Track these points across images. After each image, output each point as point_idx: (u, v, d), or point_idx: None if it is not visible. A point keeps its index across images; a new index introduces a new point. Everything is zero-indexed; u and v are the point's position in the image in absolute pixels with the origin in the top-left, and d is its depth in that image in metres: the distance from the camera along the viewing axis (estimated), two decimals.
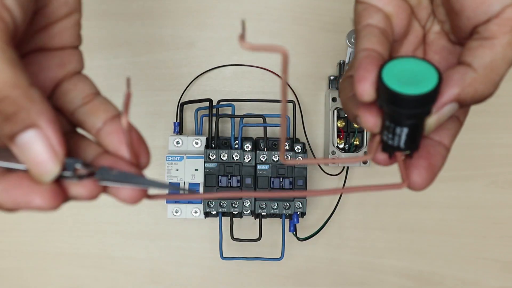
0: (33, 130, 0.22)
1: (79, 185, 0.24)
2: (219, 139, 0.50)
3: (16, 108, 0.21)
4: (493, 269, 0.56)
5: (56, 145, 0.22)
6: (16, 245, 0.54)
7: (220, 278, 0.55)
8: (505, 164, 0.56)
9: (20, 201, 0.23)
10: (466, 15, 0.28)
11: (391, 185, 0.29)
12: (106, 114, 0.26)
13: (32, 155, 0.22)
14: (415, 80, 0.25)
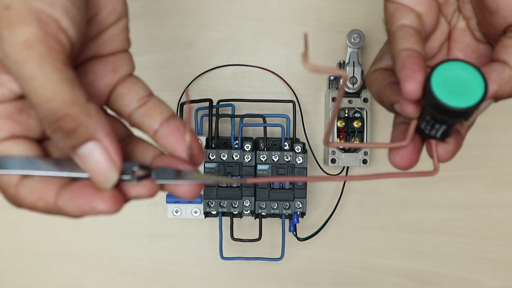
0: (92, 143, 0.24)
1: (138, 186, 0.26)
2: (219, 139, 0.50)
3: (76, 124, 0.23)
4: (493, 269, 0.56)
5: (113, 155, 0.24)
6: (16, 245, 0.54)
7: (220, 278, 0.55)
8: (505, 164, 0.56)
9: (86, 208, 0.25)
10: (501, 15, 0.29)
11: (424, 172, 0.30)
12: (161, 115, 0.28)
13: (92, 165, 0.24)
14: (462, 89, 0.26)
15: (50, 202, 0.25)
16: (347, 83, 0.51)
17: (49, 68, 0.23)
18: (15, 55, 0.23)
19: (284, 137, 0.50)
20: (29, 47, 0.23)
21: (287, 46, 0.55)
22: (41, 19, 0.23)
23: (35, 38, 0.23)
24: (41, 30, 0.23)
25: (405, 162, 0.30)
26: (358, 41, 0.51)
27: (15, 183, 0.26)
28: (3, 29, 0.23)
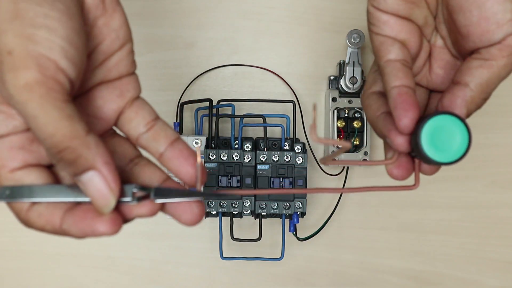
0: (92, 172, 0.26)
1: (139, 207, 0.28)
2: (219, 139, 0.50)
3: (76, 155, 0.26)
4: (493, 269, 0.56)
5: (111, 182, 0.27)
6: (16, 245, 0.54)
7: (220, 278, 0.55)
8: (505, 164, 0.56)
9: (87, 231, 0.27)
10: (472, 39, 0.32)
11: (404, 186, 0.33)
12: (166, 139, 0.30)
13: (92, 191, 0.27)
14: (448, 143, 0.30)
15: (56, 225, 0.28)
16: (347, 83, 0.51)
17: (49, 107, 0.25)
18: (18, 97, 0.25)
19: (284, 137, 0.50)
20: (30, 89, 0.25)
21: (287, 46, 0.55)
22: (41, 63, 0.25)
23: (35, 81, 0.25)
24: (40, 73, 0.25)
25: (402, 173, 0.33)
26: (358, 41, 0.51)
27: (25, 209, 0.28)
28: (6, 73, 0.25)
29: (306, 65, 0.55)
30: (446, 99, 0.32)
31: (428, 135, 0.30)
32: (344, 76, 0.51)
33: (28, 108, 0.25)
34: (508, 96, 0.56)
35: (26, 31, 0.26)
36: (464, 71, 0.32)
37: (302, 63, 0.55)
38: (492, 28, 0.31)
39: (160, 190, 0.29)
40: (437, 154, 0.30)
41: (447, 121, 0.30)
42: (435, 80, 0.36)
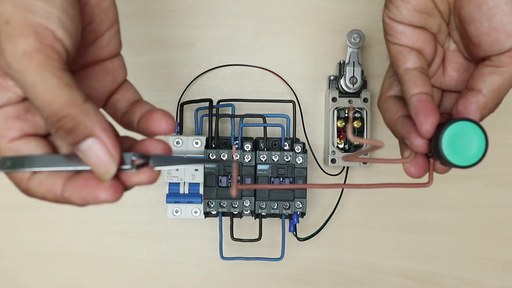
0: (91, 139, 0.27)
1: (138, 174, 0.29)
2: (219, 139, 0.50)
3: (75, 123, 0.26)
4: (493, 269, 0.56)
5: (111, 149, 0.27)
6: (16, 245, 0.54)
7: (220, 278, 0.55)
8: (505, 164, 0.56)
9: (89, 198, 0.28)
10: (483, 48, 0.34)
11: (419, 184, 0.35)
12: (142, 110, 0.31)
13: (92, 158, 0.27)
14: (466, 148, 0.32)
15: (58, 193, 0.28)
16: (347, 83, 0.51)
17: (47, 74, 0.26)
18: (16, 65, 0.26)
19: (284, 137, 0.50)
20: (28, 57, 0.25)
21: (287, 46, 0.55)
22: (38, 31, 0.26)
23: (33, 48, 0.26)
24: (38, 42, 0.26)
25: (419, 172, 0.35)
26: (358, 41, 0.51)
27: (26, 178, 0.29)
28: (4, 42, 0.26)
29: (306, 65, 0.55)
30: (461, 105, 0.34)
31: (448, 140, 0.32)
32: (344, 76, 0.51)
33: (26, 76, 0.25)
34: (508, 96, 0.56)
35: (23, 2, 0.26)
36: (476, 77, 0.34)
37: (302, 63, 0.55)
38: (502, 38, 0.33)
39: (158, 157, 0.29)
40: (457, 158, 0.32)
41: (466, 127, 0.32)
42: (449, 82, 0.37)
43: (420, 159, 0.35)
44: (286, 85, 0.55)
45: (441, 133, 0.32)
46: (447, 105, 0.37)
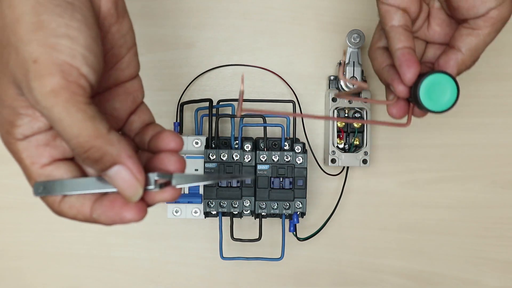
0: (117, 166, 0.29)
1: (162, 193, 0.31)
2: (219, 139, 0.50)
3: (101, 153, 0.28)
4: (493, 269, 0.56)
5: (137, 173, 0.29)
6: (16, 245, 0.54)
7: (220, 278, 0.55)
8: (505, 164, 0.56)
9: (116, 219, 0.30)
10: (461, 12, 0.39)
11: (398, 123, 0.40)
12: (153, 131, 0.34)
13: (120, 183, 0.29)
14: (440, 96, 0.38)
15: (87, 214, 0.31)
16: (347, 83, 0.51)
17: (73, 110, 0.27)
18: (44, 102, 0.27)
19: (284, 137, 0.50)
20: (55, 94, 0.27)
21: (287, 46, 0.55)
22: (64, 69, 0.27)
23: (60, 86, 0.27)
24: (64, 79, 0.27)
25: (399, 113, 0.40)
26: (358, 41, 0.51)
27: (58, 201, 0.31)
28: (32, 80, 0.27)
29: (306, 65, 0.55)
30: (442, 60, 0.39)
31: (425, 88, 0.37)
32: None
33: (54, 112, 0.27)
34: (508, 96, 0.56)
35: (49, 41, 0.27)
36: (456, 37, 0.39)
37: (302, 63, 0.55)
38: (477, 4, 0.38)
39: (179, 176, 0.31)
40: (431, 104, 0.37)
41: (442, 79, 0.37)
42: (433, 35, 0.42)
43: (402, 102, 0.40)
44: (286, 85, 0.55)
45: (420, 82, 0.37)
46: (430, 55, 0.42)
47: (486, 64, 0.56)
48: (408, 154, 0.55)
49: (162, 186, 0.31)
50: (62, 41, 0.28)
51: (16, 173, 0.54)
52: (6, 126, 0.30)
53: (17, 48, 0.28)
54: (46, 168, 0.31)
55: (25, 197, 0.54)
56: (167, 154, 0.32)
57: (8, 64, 0.28)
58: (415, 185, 0.55)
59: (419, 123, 0.55)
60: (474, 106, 0.56)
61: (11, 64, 0.28)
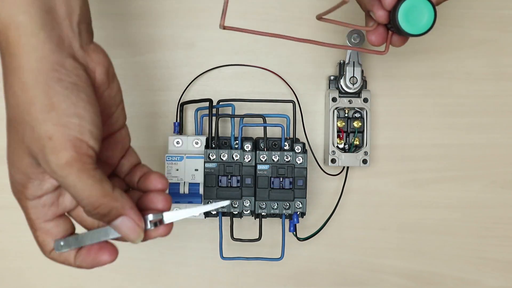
0: (122, 217, 0.34)
1: (156, 230, 0.36)
2: (219, 139, 0.50)
3: (109, 208, 0.34)
4: (493, 269, 0.56)
5: (137, 221, 0.35)
6: (16, 245, 0.54)
7: (220, 278, 0.55)
8: (505, 164, 0.56)
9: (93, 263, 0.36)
10: None
11: (376, 51, 0.42)
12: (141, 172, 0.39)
13: (125, 231, 0.35)
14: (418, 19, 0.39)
15: (72, 262, 0.37)
16: (347, 83, 0.51)
17: (85, 177, 0.32)
18: (60, 172, 0.32)
19: (284, 137, 0.50)
20: (69, 166, 0.32)
21: (287, 46, 0.55)
22: (76, 144, 0.32)
23: (73, 159, 0.32)
24: (76, 152, 0.32)
25: (378, 40, 0.42)
26: (358, 41, 0.51)
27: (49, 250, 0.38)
28: (48, 154, 0.32)
29: (306, 65, 0.55)
30: None
31: (403, 12, 0.38)
32: (344, 76, 0.52)
33: (69, 180, 0.32)
34: (508, 96, 0.56)
35: (61, 120, 0.32)
36: None
37: (302, 63, 0.55)
38: None
39: (169, 214, 0.37)
40: (409, 27, 0.39)
41: (420, 2, 0.39)
42: None
43: (381, 29, 0.41)
44: (286, 85, 0.55)
45: (398, 6, 0.38)
46: None
47: (486, 64, 0.56)
48: (408, 154, 0.55)
49: (156, 225, 0.36)
50: (72, 119, 0.32)
51: None
52: (19, 187, 0.35)
53: (33, 127, 0.32)
54: (48, 223, 0.36)
55: None
56: (155, 194, 0.37)
57: (23, 138, 0.33)
58: (415, 185, 0.55)
59: (419, 123, 0.55)
60: (474, 106, 0.56)
61: (27, 139, 0.33)
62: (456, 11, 0.56)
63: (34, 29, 0.32)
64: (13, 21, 0.32)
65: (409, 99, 0.55)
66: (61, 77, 0.33)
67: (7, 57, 0.33)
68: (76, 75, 0.33)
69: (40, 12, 0.33)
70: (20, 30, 0.32)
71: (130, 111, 0.55)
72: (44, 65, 0.32)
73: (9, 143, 0.34)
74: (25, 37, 0.32)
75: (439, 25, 0.55)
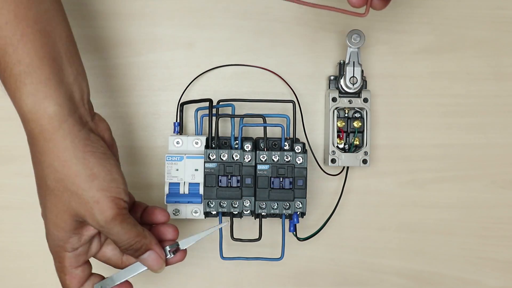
0: (149, 252, 0.43)
1: (175, 257, 0.45)
2: (219, 139, 0.50)
3: (140, 245, 0.42)
4: (493, 269, 0.56)
5: (161, 254, 0.43)
6: (16, 245, 0.54)
7: (220, 278, 0.55)
8: (505, 164, 0.56)
9: None
10: None
11: (356, 12, 0.40)
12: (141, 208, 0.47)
13: (151, 263, 0.43)
14: None
15: None
16: (347, 83, 0.51)
17: (125, 225, 0.41)
18: (107, 226, 0.40)
19: (284, 137, 0.50)
20: (113, 220, 0.40)
21: (287, 46, 0.55)
22: (117, 202, 0.40)
23: (116, 214, 0.40)
24: (117, 209, 0.40)
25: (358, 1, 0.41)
26: (358, 41, 0.51)
27: None
28: (98, 215, 0.40)
29: (306, 65, 0.55)
30: None
31: None
32: (344, 76, 0.52)
33: (113, 230, 0.40)
34: (508, 96, 0.56)
35: (103, 186, 0.40)
36: None
37: (302, 63, 0.55)
38: None
39: (184, 240, 0.45)
40: None
41: None
42: None
43: None
44: (286, 85, 0.55)
45: None
46: None
47: (486, 64, 0.56)
48: (408, 154, 0.55)
49: (174, 253, 0.44)
50: (111, 184, 0.40)
51: (16, 173, 0.54)
52: (60, 243, 0.42)
53: (80, 195, 0.39)
54: (77, 268, 0.43)
55: (25, 197, 0.54)
56: (164, 226, 0.45)
57: (69, 204, 0.40)
58: (415, 185, 0.55)
59: (419, 123, 0.55)
60: (474, 106, 0.56)
61: (74, 204, 0.39)
62: (456, 11, 0.56)
63: (64, 117, 0.38)
64: (46, 112, 0.38)
65: (409, 99, 0.55)
66: (93, 150, 0.40)
67: (42, 142, 0.38)
68: (101, 146, 0.41)
69: (65, 100, 0.39)
70: (53, 120, 0.38)
71: (130, 111, 0.55)
72: (77, 144, 0.39)
73: (51, 209, 0.40)
74: (58, 124, 0.38)
75: (439, 25, 0.55)
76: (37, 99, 0.37)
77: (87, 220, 0.40)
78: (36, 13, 0.38)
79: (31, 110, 0.38)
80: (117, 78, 0.54)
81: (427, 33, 0.55)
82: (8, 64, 0.37)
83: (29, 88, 0.37)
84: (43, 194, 0.41)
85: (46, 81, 0.38)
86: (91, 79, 0.45)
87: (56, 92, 0.38)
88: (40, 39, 0.38)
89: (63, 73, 0.39)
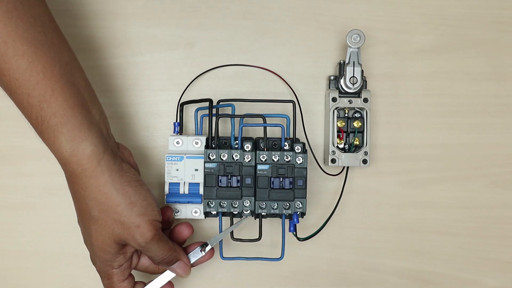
0: (179, 261, 0.49)
1: (204, 256, 0.50)
2: (219, 139, 0.50)
3: (173, 257, 0.48)
4: (493, 269, 0.56)
5: (188, 263, 0.49)
6: (16, 245, 0.54)
7: (220, 278, 0.55)
8: (505, 164, 0.56)
9: None
10: None
11: None
12: None
13: (180, 271, 0.49)
14: None
15: None
16: (347, 83, 0.51)
17: (161, 243, 0.46)
18: (147, 246, 0.45)
19: (284, 137, 0.50)
20: (152, 240, 0.45)
21: (287, 46, 0.55)
22: (153, 224, 0.45)
23: (154, 234, 0.45)
24: (155, 229, 0.45)
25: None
26: (358, 41, 0.51)
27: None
28: (139, 238, 0.45)
29: (306, 65, 0.55)
30: None
31: None
32: (344, 76, 0.52)
33: (152, 248, 0.46)
34: (508, 96, 0.56)
35: (142, 212, 0.45)
36: None
37: (302, 63, 0.55)
38: None
39: (212, 239, 0.50)
40: None
41: None
42: None
43: None
44: (286, 85, 0.55)
45: None
46: None
47: (486, 64, 0.56)
48: (408, 154, 0.55)
49: (203, 252, 0.50)
50: (147, 209, 0.45)
51: (16, 173, 0.54)
52: (108, 263, 0.47)
53: (122, 221, 0.44)
54: (124, 282, 0.48)
55: (25, 197, 0.54)
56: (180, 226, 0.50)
57: (113, 230, 0.44)
58: (415, 185, 0.55)
59: (419, 123, 0.55)
60: (474, 106, 0.56)
61: (117, 230, 0.44)
62: (456, 11, 0.56)
63: (100, 154, 0.43)
64: (84, 154, 0.42)
65: (409, 99, 0.55)
66: (128, 180, 0.44)
67: (84, 179, 0.43)
68: (133, 174, 0.45)
69: (98, 139, 0.43)
70: (92, 159, 0.42)
71: (130, 111, 0.55)
72: (115, 176, 0.44)
73: (96, 236, 0.45)
74: (96, 162, 0.43)
75: (439, 25, 0.55)
76: (75, 144, 0.42)
77: (129, 243, 0.45)
78: (60, 68, 0.41)
79: (71, 154, 0.42)
80: (117, 78, 0.54)
81: (427, 33, 0.55)
82: (45, 118, 0.41)
83: (67, 136, 0.41)
84: (87, 224, 0.45)
85: (80, 126, 0.42)
86: (91, 79, 0.45)
87: (90, 134, 0.42)
88: (68, 91, 0.41)
89: (91, 115, 0.43)
